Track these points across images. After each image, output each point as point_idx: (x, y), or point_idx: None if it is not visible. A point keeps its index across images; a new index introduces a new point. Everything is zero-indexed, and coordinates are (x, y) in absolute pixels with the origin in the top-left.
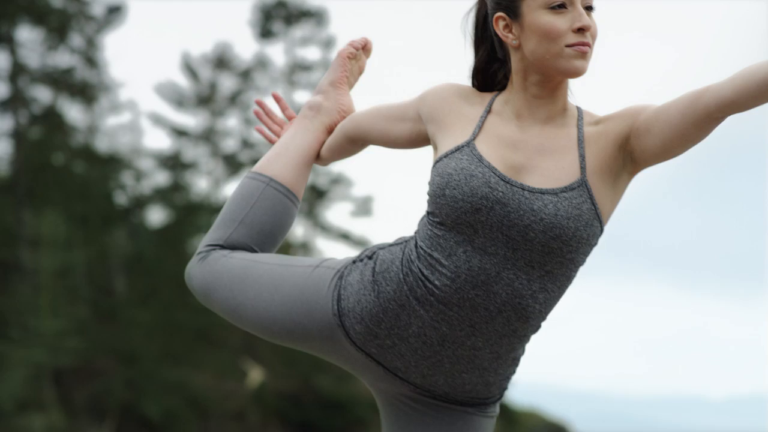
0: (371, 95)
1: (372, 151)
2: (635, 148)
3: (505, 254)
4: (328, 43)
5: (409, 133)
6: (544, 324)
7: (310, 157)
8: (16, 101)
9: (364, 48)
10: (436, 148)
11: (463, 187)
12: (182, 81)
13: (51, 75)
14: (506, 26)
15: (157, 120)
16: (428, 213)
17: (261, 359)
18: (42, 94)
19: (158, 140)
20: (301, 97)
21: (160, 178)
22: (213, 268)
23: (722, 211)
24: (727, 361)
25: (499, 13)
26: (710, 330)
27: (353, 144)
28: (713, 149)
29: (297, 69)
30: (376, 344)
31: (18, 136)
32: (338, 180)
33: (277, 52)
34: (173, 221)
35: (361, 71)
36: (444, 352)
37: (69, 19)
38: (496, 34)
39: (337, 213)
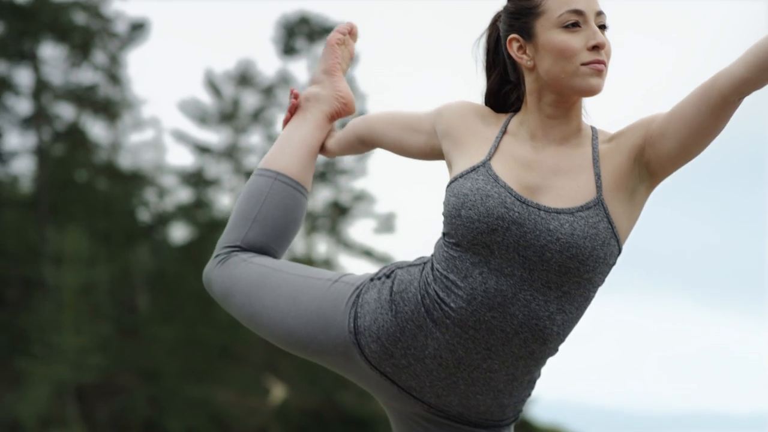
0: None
1: (394, 167)
2: (651, 158)
3: (522, 275)
4: (351, 60)
5: (422, 145)
6: (564, 344)
7: (315, 147)
8: (39, 118)
9: (351, 33)
10: (450, 166)
11: (479, 208)
12: (205, 98)
13: (74, 92)
14: (520, 47)
15: (180, 137)
16: (444, 234)
17: (283, 376)
18: (65, 111)
19: (181, 157)
20: None
21: (183, 194)
22: (232, 272)
23: (746, 225)
24: (750, 376)
25: (513, 35)
26: (733, 345)
27: (363, 145)
28: (735, 160)
29: None
30: (392, 364)
31: (41, 153)
32: (361, 197)
33: (300, 69)
34: (196, 238)
35: (351, 56)
36: (459, 374)
37: (92, 36)
38: (510, 57)
39: (359, 230)
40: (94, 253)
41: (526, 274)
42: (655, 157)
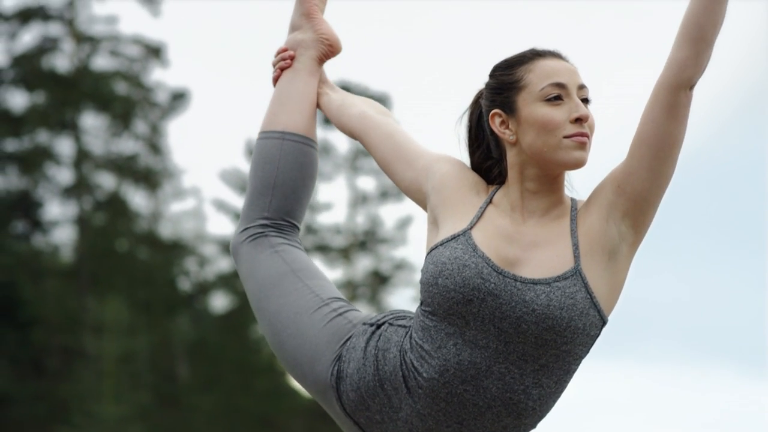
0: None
1: None
2: (627, 206)
3: (497, 347)
4: None
5: (407, 180)
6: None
7: (313, 96)
8: (80, 188)
9: None
10: (434, 223)
11: (456, 277)
12: (246, 167)
13: (115, 161)
14: (503, 122)
15: (221, 206)
16: (420, 302)
17: None
18: (106, 181)
19: (222, 226)
20: (364, 182)
21: (224, 264)
22: (256, 257)
23: None
24: None
25: (495, 110)
26: None
27: (353, 138)
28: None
29: (360, 155)
30: (366, 416)
31: (82, 222)
32: (401, 266)
33: (339, 138)
34: (236, 307)
35: None
36: None
37: (133, 106)
38: (492, 132)
39: (400, 299)
40: (135, 323)
41: (501, 346)
42: (631, 200)
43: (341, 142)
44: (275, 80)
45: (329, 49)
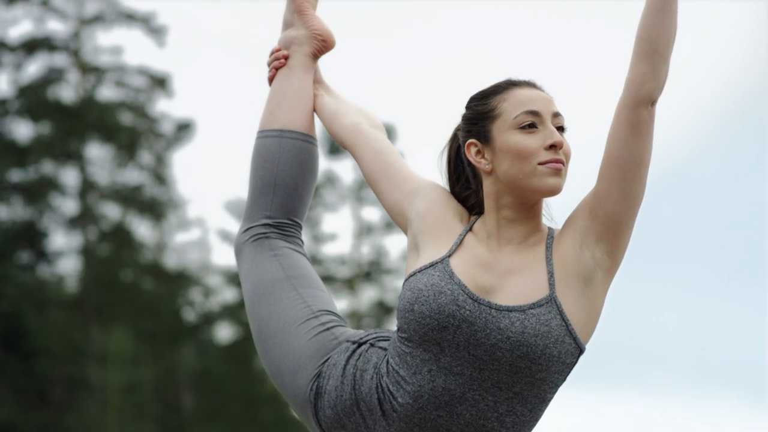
0: None
1: None
2: (598, 229)
3: (472, 374)
4: None
5: (392, 202)
6: None
7: (309, 92)
8: (85, 218)
9: None
10: (414, 249)
11: (431, 304)
12: None
13: (120, 192)
14: (478, 152)
15: (226, 236)
16: (397, 329)
17: None
18: (111, 211)
19: (227, 257)
20: (369, 213)
21: (229, 294)
22: (256, 259)
23: None
24: None
25: (471, 140)
26: None
27: (343, 147)
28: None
29: (365, 186)
30: None
31: (87, 252)
32: None
33: (345, 169)
34: (241, 338)
35: None
36: None
37: (138, 137)
38: (470, 163)
39: None
40: (139, 353)
41: (476, 373)
42: (603, 224)
43: (346, 173)
44: (270, 80)
45: (323, 45)
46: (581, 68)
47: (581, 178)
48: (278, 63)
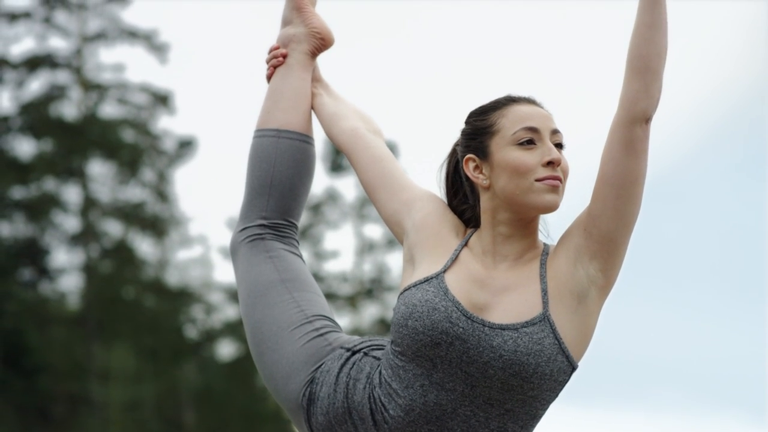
0: None
1: None
2: (593, 246)
3: (463, 391)
4: None
5: (389, 212)
6: None
7: (307, 91)
8: (87, 235)
9: None
10: (410, 261)
11: (425, 320)
12: None
13: (122, 209)
14: (476, 167)
15: (228, 254)
16: (391, 342)
17: None
18: (113, 228)
19: (229, 274)
20: (371, 230)
21: (231, 311)
22: (251, 260)
23: None
24: None
25: (469, 155)
26: None
27: (340, 150)
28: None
29: (367, 203)
30: None
31: (89, 270)
32: None
33: (347, 186)
34: (243, 355)
35: None
36: None
37: (140, 154)
38: (467, 178)
39: None
40: (141, 370)
41: (467, 389)
42: (598, 243)
43: (348, 190)
44: (269, 78)
45: (321, 43)
46: (585, 74)
47: (581, 170)
48: (276, 61)
